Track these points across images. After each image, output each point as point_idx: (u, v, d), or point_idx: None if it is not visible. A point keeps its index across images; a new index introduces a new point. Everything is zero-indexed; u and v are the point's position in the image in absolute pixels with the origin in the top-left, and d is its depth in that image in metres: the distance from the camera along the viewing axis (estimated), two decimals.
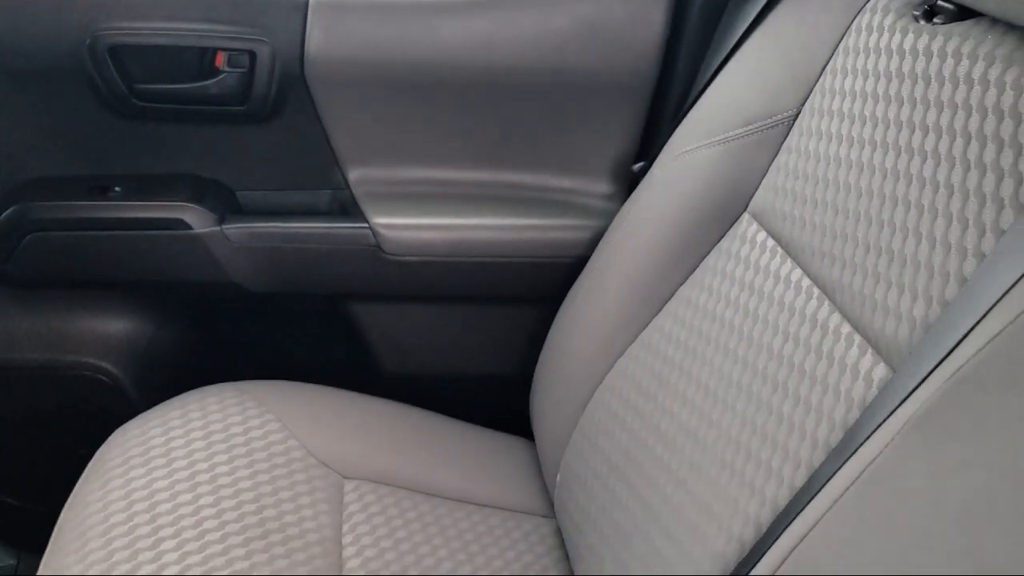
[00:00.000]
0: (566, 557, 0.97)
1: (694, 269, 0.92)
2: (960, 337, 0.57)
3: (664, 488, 0.81)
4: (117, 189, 1.04)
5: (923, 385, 0.58)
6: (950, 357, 0.57)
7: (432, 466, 1.03)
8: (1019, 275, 0.56)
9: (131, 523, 0.84)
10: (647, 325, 0.94)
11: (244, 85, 1.02)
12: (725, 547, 0.71)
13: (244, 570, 0.81)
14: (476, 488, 1.03)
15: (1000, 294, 0.57)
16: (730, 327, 0.83)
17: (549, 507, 1.03)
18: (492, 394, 1.15)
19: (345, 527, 0.92)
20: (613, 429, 0.91)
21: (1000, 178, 0.63)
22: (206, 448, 0.93)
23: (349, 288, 1.09)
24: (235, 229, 1.05)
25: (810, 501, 0.62)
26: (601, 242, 1.05)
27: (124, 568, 0.79)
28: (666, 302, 0.93)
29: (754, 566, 0.63)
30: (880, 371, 0.67)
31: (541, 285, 1.10)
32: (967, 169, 0.66)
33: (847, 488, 0.60)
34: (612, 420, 0.92)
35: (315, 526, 0.90)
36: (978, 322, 0.57)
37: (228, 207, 1.07)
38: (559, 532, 1.00)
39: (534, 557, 0.97)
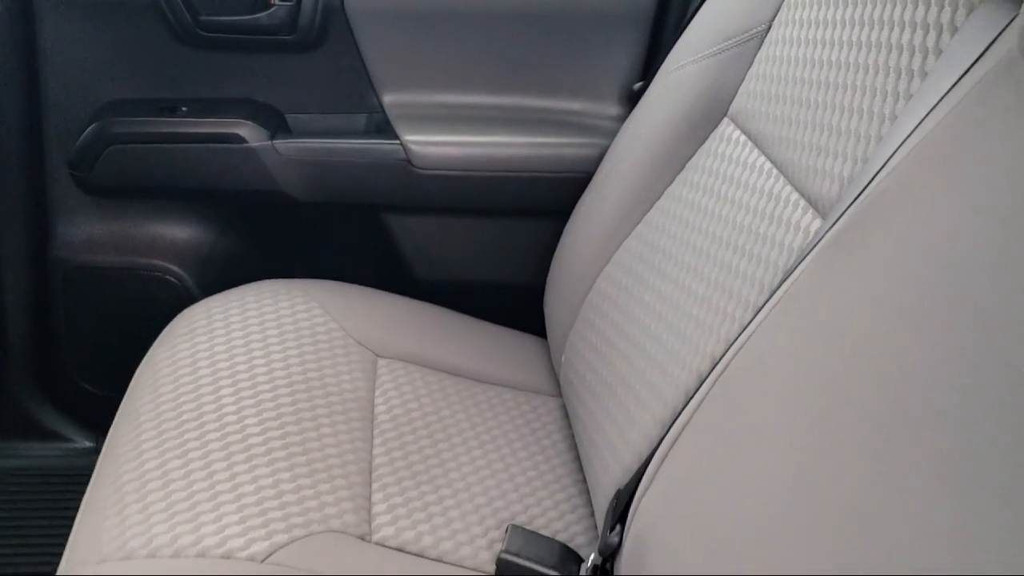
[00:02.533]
0: (568, 427, 1.10)
1: (681, 170, 1.05)
2: (868, 180, 0.70)
3: (644, 345, 0.94)
4: (184, 109, 1.20)
5: (837, 223, 0.71)
6: (860, 197, 0.70)
7: (454, 352, 1.17)
8: (913, 128, 0.69)
9: (195, 375, 0.99)
10: (640, 222, 1.07)
11: (292, 17, 1.17)
12: (687, 380, 0.84)
13: (289, 415, 0.96)
14: (492, 370, 1.16)
15: (899, 142, 0.69)
16: (706, 211, 0.96)
17: (556, 388, 1.17)
18: (511, 300, 1.29)
19: (377, 392, 1.06)
20: (608, 309, 1.04)
21: (912, 54, 0.75)
22: (260, 324, 1.08)
23: (383, 199, 1.24)
24: (284, 144, 1.20)
25: (744, 329, 0.75)
26: (604, 156, 1.18)
27: (189, 407, 0.94)
28: (657, 200, 1.06)
29: (708, 377, 0.76)
30: (815, 223, 0.79)
31: (554, 198, 1.23)
32: (889, 51, 0.78)
33: (768, 315, 0.73)
34: (607, 302, 1.05)
35: (351, 388, 1.04)
36: (883, 165, 0.69)
37: (279, 127, 1.22)
38: (564, 407, 1.13)
39: (540, 424, 1.10)
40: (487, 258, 1.30)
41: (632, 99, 1.19)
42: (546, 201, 1.24)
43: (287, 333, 1.08)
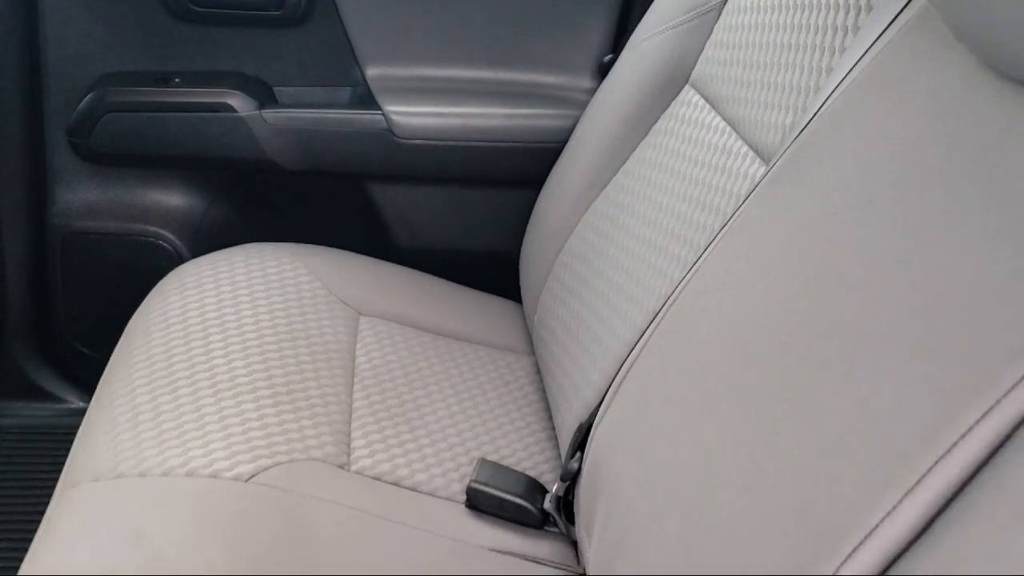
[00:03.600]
0: (539, 381, 1.16)
1: (646, 135, 1.11)
2: (804, 125, 0.76)
3: (607, 295, 1.00)
4: (177, 80, 1.26)
5: (775, 165, 0.77)
6: (796, 140, 0.76)
7: (433, 312, 1.23)
8: (844, 76, 0.75)
9: (185, 324, 1.05)
10: (607, 184, 1.13)
11: None
12: (641, 320, 0.90)
13: (275, 359, 1.02)
14: (469, 330, 1.22)
15: (831, 90, 0.75)
16: (666, 169, 1.02)
17: (530, 348, 1.23)
18: (489, 266, 1.34)
19: (358, 345, 1.12)
20: (577, 267, 1.11)
21: (847, 12, 0.82)
22: (247, 281, 1.14)
23: (366, 168, 1.30)
24: (272, 114, 1.26)
25: (690, 268, 0.82)
26: (576, 125, 1.25)
27: (179, 351, 1.00)
28: (623, 164, 1.12)
29: (658, 314, 0.83)
30: (760, 170, 0.85)
31: (529, 168, 1.29)
32: (827, 11, 0.84)
33: (711, 252, 0.79)
34: (576, 261, 1.11)
35: (334, 340, 1.10)
36: (818, 111, 0.75)
37: (267, 98, 1.28)
38: (536, 365, 1.19)
39: (513, 378, 1.16)
40: (466, 226, 1.36)
41: (603, 71, 1.25)
42: (522, 170, 1.30)
43: (273, 290, 1.14)
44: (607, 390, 0.89)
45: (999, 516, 0.46)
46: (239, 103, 1.24)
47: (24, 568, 0.78)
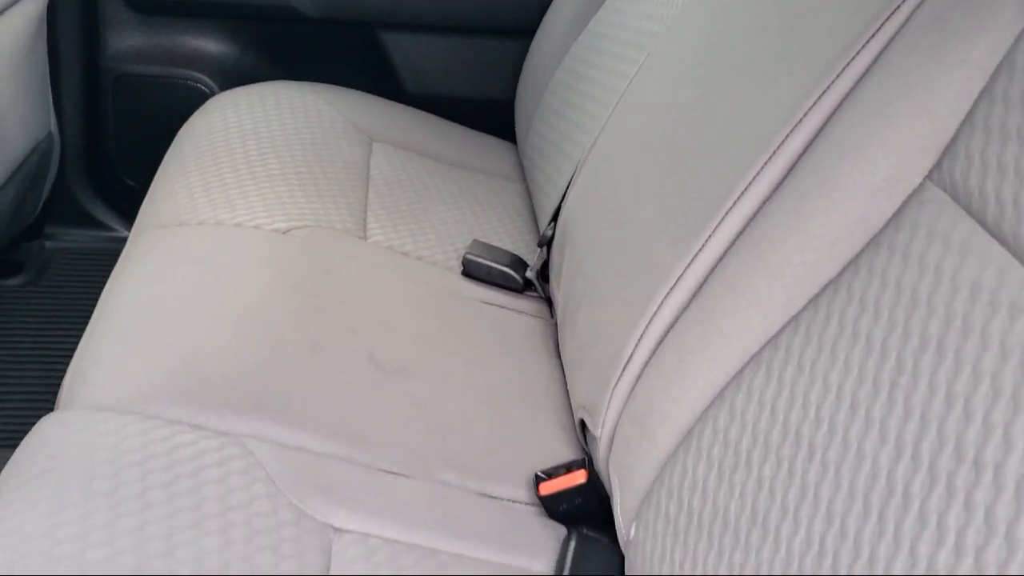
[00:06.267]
0: (527, 200, 1.35)
1: None
2: None
3: (582, 107, 1.19)
4: None
5: None
6: None
7: (437, 145, 1.42)
8: None
9: (226, 135, 1.24)
10: (592, 18, 1.31)
11: None
12: (600, 124, 1.09)
13: (303, 166, 1.21)
14: (468, 159, 1.41)
15: None
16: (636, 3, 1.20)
17: (521, 176, 1.42)
18: (488, 112, 1.54)
19: (372, 162, 1.31)
20: (563, 92, 1.29)
21: None
22: (276, 108, 1.33)
23: (379, 15, 1.49)
24: None
25: (632, 78, 1.01)
26: None
27: (223, 154, 1.19)
28: (600, 8, 1.30)
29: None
30: None
31: (523, 17, 1.47)
32: None
33: (646, 62, 0.98)
34: (563, 88, 1.30)
35: (351, 156, 1.29)
36: None
37: None
38: (525, 192, 1.38)
39: (507, 197, 1.35)
40: (467, 73, 1.55)
41: None
42: (516, 19, 1.49)
43: (298, 115, 1.33)
44: (574, 173, 1.09)
45: None
46: None
47: (103, 296, 0.98)
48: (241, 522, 0.71)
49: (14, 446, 0.77)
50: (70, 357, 0.90)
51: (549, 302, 1.12)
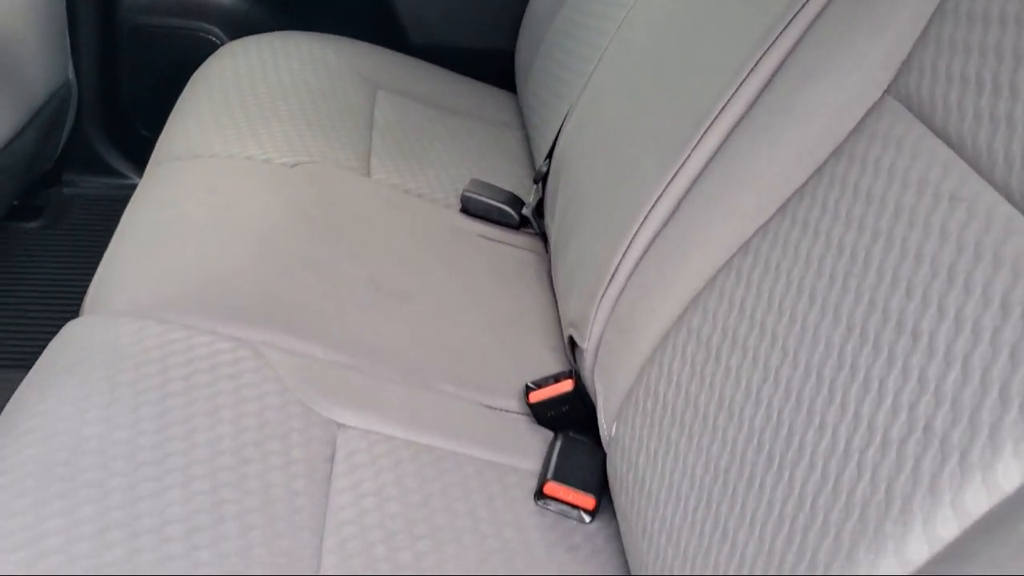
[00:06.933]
0: (525, 145, 1.41)
1: None
2: None
3: (578, 52, 1.24)
4: None
5: None
6: None
7: (439, 92, 1.47)
8: None
9: (236, 79, 1.29)
10: None
11: None
12: (601, 40, 1.14)
13: (310, 109, 1.26)
14: (469, 107, 1.47)
15: None
16: None
17: (521, 124, 1.47)
18: (489, 62, 1.58)
19: (376, 109, 1.36)
20: (561, 41, 1.34)
21: None
22: (285, 56, 1.38)
23: None
24: None
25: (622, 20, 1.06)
26: None
27: (235, 98, 1.24)
28: None
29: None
30: None
31: None
32: None
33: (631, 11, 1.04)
34: (561, 36, 1.34)
35: (356, 102, 1.34)
36: None
37: None
38: (524, 139, 1.44)
39: (504, 141, 1.41)
40: (470, 24, 1.60)
41: None
42: None
43: (305, 62, 1.38)
44: (568, 112, 1.14)
45: None
46: None
47: (124, 219, 1.04)
48: (253, 413, 0.77)
49: None
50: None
51: (544, 238, 1.17)
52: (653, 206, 0.80)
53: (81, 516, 0.65)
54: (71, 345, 0.80)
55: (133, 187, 1.32)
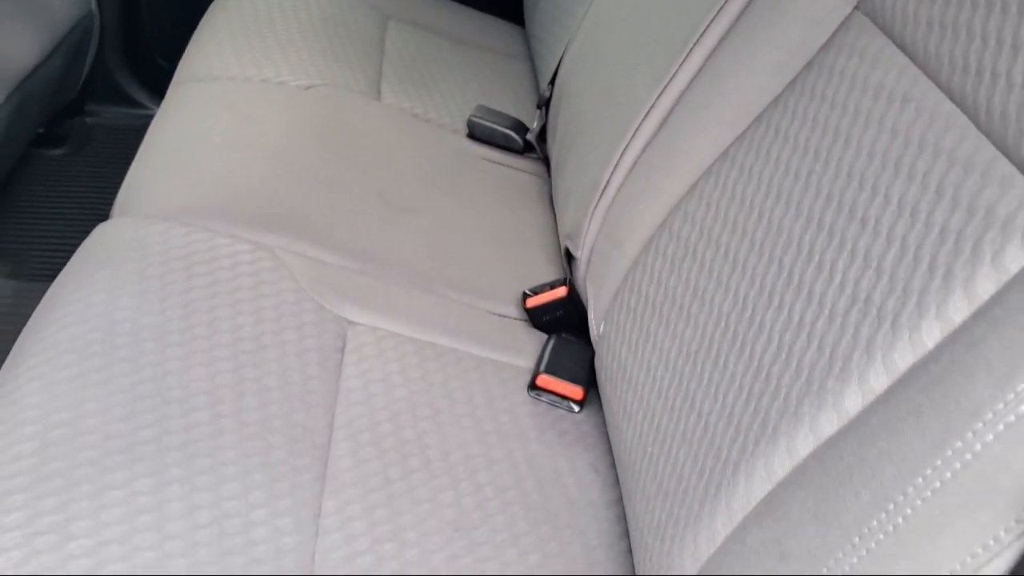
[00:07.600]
0: (532, 77, 1.46)
1: None
2: None
3: None
4: None
5: None
6: None
7: (449, 24, 1.52)
8: None
9: (254, 7, 1.34)
10: None
11: None
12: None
13: (323, 36, 1.32)
14: (479, 39, 1.52)
15: None
16: None
17: (527, 55, 1.52)
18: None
19: (386, 37, 1.41)
20: None
21: None
22: None
23: None
24: None
25: None
26: None
27: (251, 24, 1.30)
28: None
29: None
30: None
31: None
32: None
33: None
34: None
35: (368, 33, 1.39)
36: None
37: None
38: (531, 71, 1.49)
39: (510, 72, 1.46)
40: None
41: None
42: None
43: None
44: (570, 40, 1.19)
45: None
46: None
47: (148, 133, 1.10)
48: (271, 307, 0.84)
49: None
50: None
51: (547, 162, 1.23)
52: (642, 121, 0.86)
53: (116, 387, 0.72)
54: (102, 243, 0.87)
55: (152, 117, 1.39)
